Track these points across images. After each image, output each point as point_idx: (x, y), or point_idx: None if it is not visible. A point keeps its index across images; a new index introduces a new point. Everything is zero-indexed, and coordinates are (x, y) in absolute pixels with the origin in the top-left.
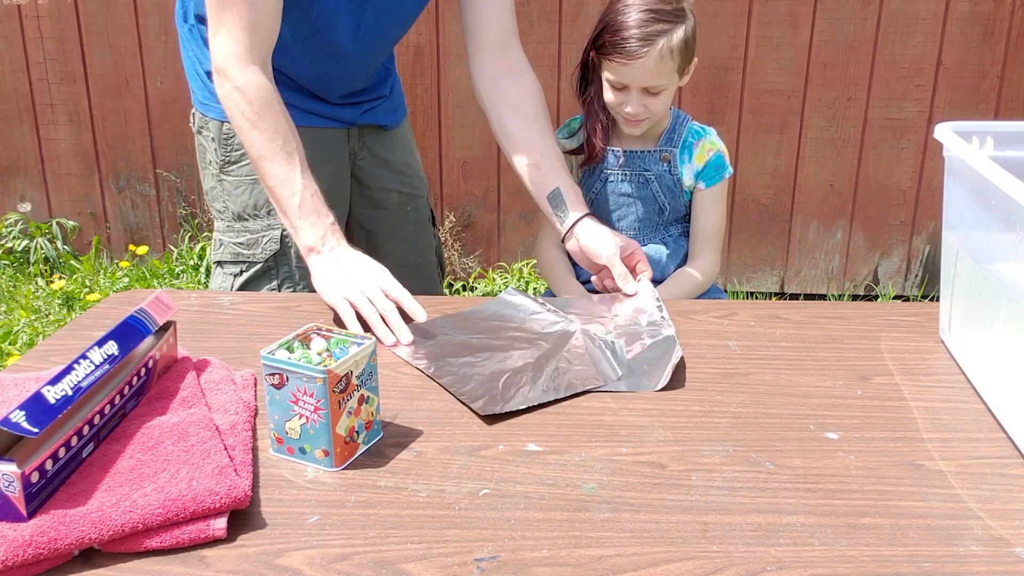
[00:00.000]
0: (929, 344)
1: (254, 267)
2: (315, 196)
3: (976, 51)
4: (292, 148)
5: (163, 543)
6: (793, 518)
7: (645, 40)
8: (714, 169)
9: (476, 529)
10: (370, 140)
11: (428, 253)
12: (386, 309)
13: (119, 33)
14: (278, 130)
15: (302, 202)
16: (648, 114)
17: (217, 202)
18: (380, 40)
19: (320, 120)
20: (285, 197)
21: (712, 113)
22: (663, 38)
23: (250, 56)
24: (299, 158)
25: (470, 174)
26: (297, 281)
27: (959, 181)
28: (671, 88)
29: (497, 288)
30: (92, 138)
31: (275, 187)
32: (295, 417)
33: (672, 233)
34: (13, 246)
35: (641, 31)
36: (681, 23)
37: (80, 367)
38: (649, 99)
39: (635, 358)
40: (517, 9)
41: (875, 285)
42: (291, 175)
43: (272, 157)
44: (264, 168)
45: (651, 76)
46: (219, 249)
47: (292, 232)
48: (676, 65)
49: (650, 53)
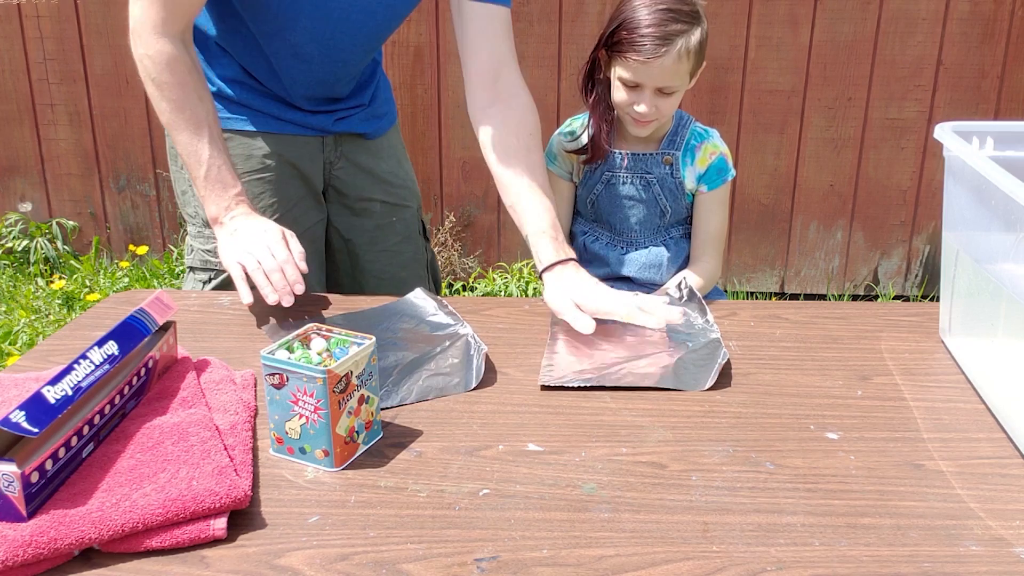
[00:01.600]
0: (929, 344)
1: (221, 275)
2: (222, 168)
3: (976, 51)
4: (200, 119)
5: (163, 543)
6: (793, 518)
7: (664, 40)
8: (716, 172)
9: (476, 529)
10: (348, 148)
11: (415, 267)
12: (270, 268)
13: (119, 33)
14: (186, 101)
15: (207, 173)
16: (658, 115)
17: (188, 207)
18: (347, 49)
19: (290, 127)
20: (192, 168)
21: (712, 113)
22: (681, 38)
23: (163, 28)
24: (207, 129)
25: (470, 174)
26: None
27: (959, 181)
28: (682, 90)
29: (497, 288)
30: (92, 138)
31: (184, 156)
32: (295, 417)
33: (673, 235)
34: (13, 246)
35: (660, 30)
36: (698, 25)
37: (80, 367)
38: (661, 99)
39: (681, 359)
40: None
41: (875, 285)
42: (198, 146)
43: (180, 127)
44: (174, 137)
45: (667, 76)
46: (190, 254)
47: (201, 201)
48: (690, 67)
49: (668, 53)
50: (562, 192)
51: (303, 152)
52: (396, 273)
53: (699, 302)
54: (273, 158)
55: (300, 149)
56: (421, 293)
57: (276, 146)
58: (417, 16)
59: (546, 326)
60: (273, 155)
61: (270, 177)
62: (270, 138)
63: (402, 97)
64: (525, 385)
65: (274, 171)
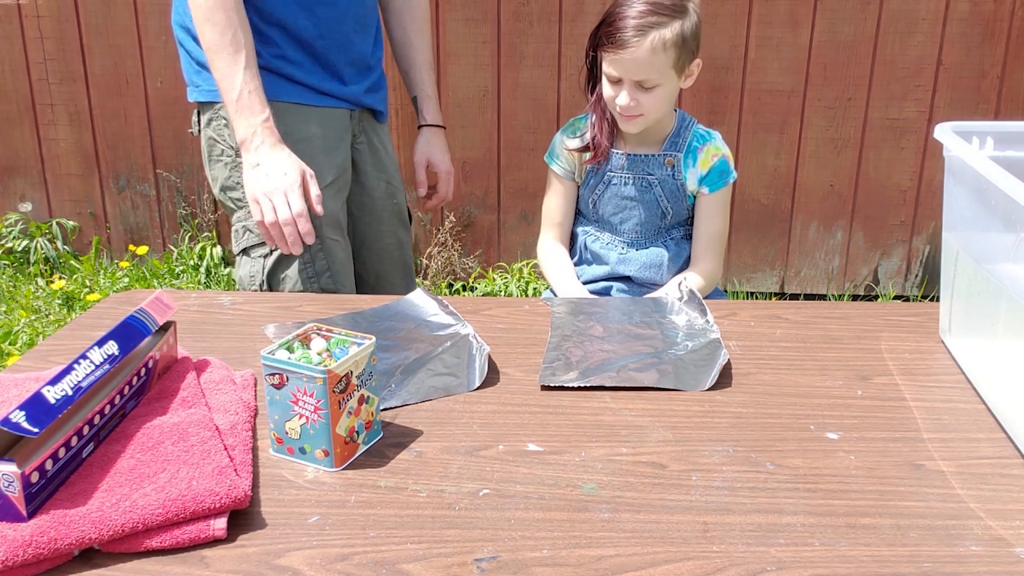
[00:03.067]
0: (929, 344)
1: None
2: (252, 93)
3: (976, 51)
4: (240, 44)
5: (163, 543)
6: (793, 518)
7: (638, 31)
8: (718, 175)
9: (476, 529)
10: (367, 126)
11: (406, 249)
12: (284, 220)
13: (119, 33)
14: (229, 24)
15: (239, 97)
16: (641, 110)
17: (235, 191)
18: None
19: (329, 100)
20: (226, 91)
21: (712, 113)
22: (656, 30)
23: None
24: (246, 55)
25: (470, 174)
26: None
27: (959, 181)
28: (667, 87)
29: (497, 288)
30: (92, 138)
31: (220, 80)
32: (295, 417)
33: (674, 236)
34: (13, 246)
35: (636, 22)
36: (679, 19)
37: (80, 367)
38: (642, 94)
39: (682, 359)
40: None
41: (875, 285)
42: (234, 70)
43: (220, 51)
44: (213, 62)
45: (643, 69)
46: (243, 237)
47: (230, 122)
48: (671, 61)
49: (641, 44)
50: (563, 191)
51: (341, 124)
52: (392, 253)
53: (699, 303)
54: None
55: (339, 121)
56: (421, 293)
57: (318, 118)
58: None
59: (546, 326)
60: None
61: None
62: (312, 111)
63: (402, 97)
64: (525, 385)
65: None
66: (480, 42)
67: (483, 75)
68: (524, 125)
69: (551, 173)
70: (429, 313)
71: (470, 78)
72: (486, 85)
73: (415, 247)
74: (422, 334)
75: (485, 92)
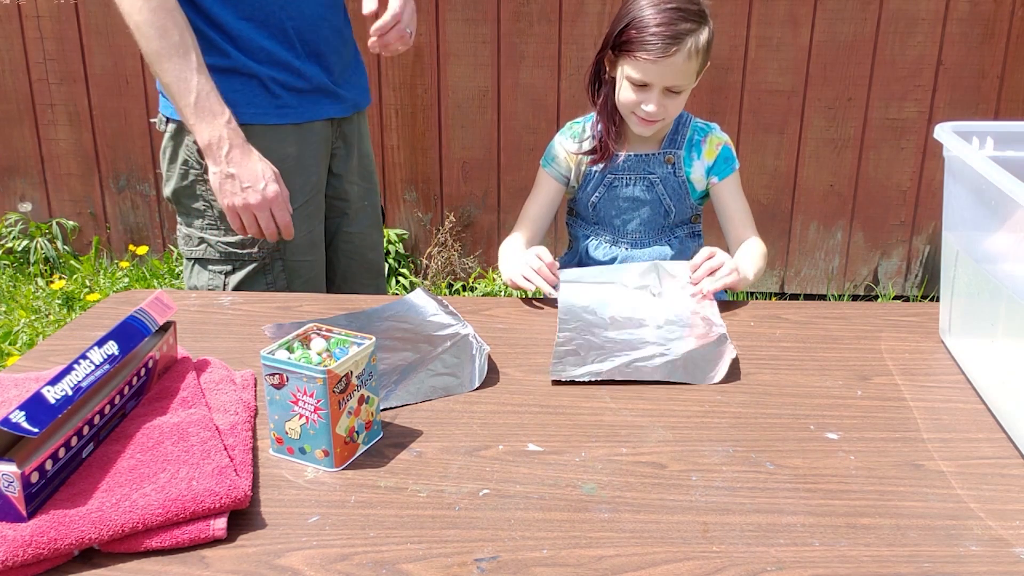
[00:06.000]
0: (929, 344)
1: (249, 265)
2: (210, 94)
3: (976, 51)
4: (188, 45)
5: (163, 543)
6: (793, 518)
7: (674, 38)
8: (724, 161)
9: (476, 529)
10: (347, 128)
11: (379, 250)
12: (271, 235)
13: (119, 33)
14: (175, 26)
15: (197, 100)
16: (665, 114)
17: (194, 201)
18: None
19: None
20: (181, 95)
21: (712, 113)
22: (691, 37)
23: None
24: (195, 56)
25: (470, 174)
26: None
27: (959, 181)
28: (688, 89)
29: (497, 288)
30: (92, 138)
31: (171, 84)
32: (295, 417)
33: (678, 235)
34: (13, 246)
35: (671, 29)
36: (706, 24)
37: (80, 367)
38: (669, 99)
39: (691, 353)
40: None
41: (875, 285)
42: (186, 73)
43: (169, 55)
44: (159, 66)
45: (677, 75)
46: (198, 246)
47: (190, 129)
48: (699, 66)
49: (679, 52)
50: (550, 193)
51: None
52: (365, 255)
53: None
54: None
55: (322, 134)
56: (421, 293)
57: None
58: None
59: (547, 326)
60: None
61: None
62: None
63: (402, 97)
64: (525, 385)
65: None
66: (480, 42)
67: (483, 75)
68: (524, 125)
69: (542, 176)
70: (429, 313)
71: (470, 78)
72: (486, 85)
73: (415, 247)
74: (422, 334)
75: (485, 92)
